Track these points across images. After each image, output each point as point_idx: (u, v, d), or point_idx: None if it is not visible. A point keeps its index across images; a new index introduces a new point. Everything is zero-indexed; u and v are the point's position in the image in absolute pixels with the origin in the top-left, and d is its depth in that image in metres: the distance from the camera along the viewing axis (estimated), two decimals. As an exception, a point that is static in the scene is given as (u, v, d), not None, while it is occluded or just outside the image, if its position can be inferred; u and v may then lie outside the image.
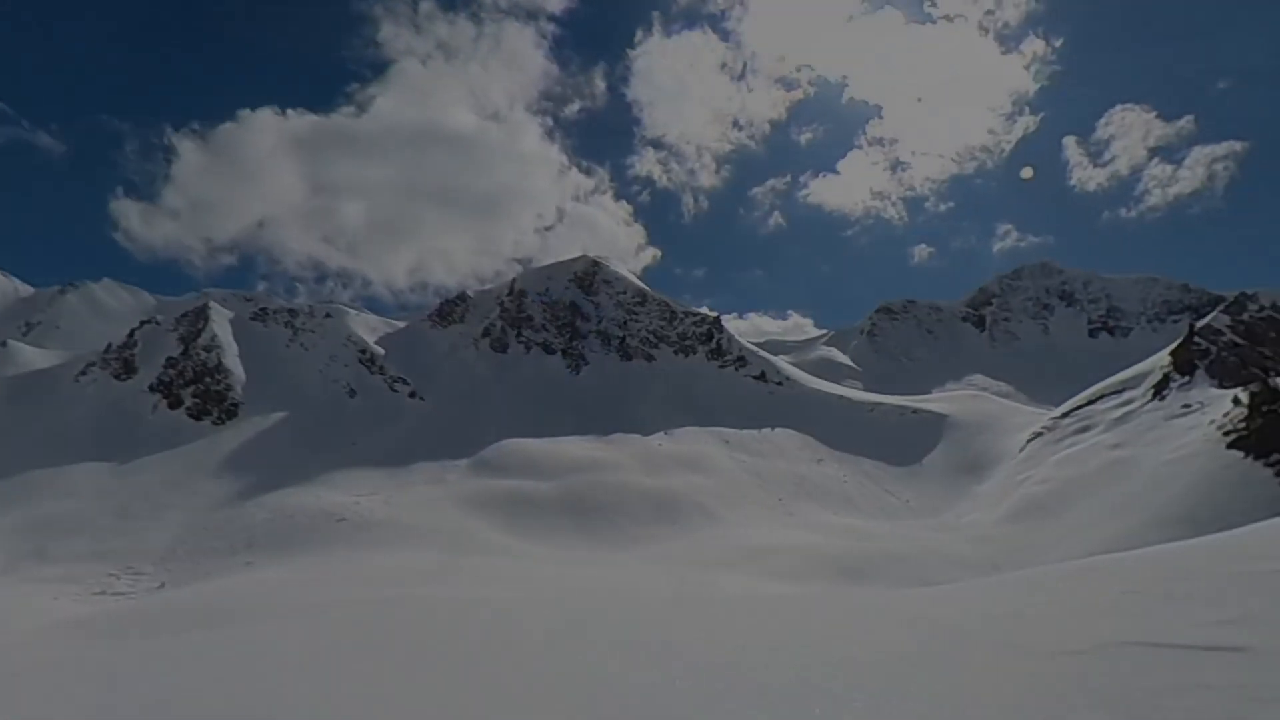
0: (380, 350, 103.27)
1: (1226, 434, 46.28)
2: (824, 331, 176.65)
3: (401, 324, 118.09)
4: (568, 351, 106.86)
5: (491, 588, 24.96)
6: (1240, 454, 43.88)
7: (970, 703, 4.00)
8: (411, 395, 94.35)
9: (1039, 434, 67.28)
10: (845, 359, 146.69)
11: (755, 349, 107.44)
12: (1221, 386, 57.80)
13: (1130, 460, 51.34)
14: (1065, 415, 68.54)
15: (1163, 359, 67.40)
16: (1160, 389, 62.11)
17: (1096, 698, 3.87)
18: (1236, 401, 49.08)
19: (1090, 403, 67.95)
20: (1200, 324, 73.25)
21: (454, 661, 5.30)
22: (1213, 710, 3.57)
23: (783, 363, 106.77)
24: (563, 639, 6.18)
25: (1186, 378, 62.12)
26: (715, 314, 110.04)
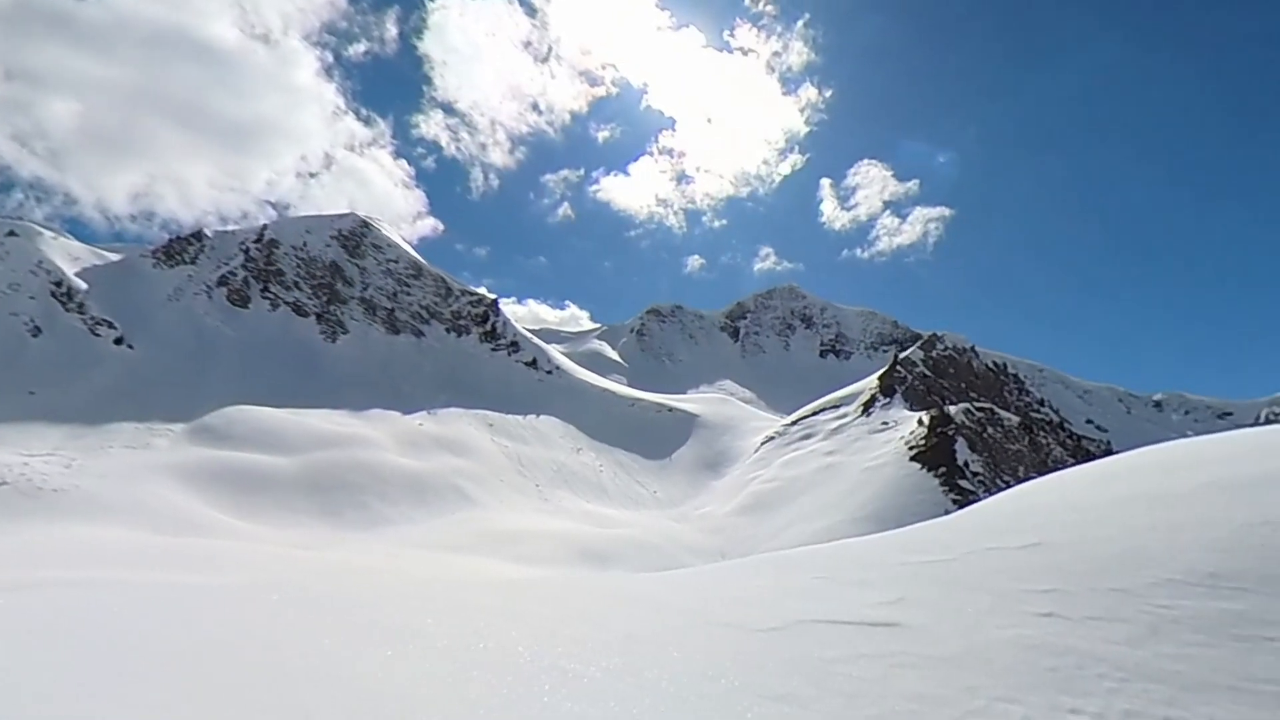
0: (81, 284, 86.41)
1: (911, 449, 55.94)
2: (598, 325, 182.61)
3: (115, 257, 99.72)
4: (324, 316, 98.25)
5: (204, 573, 22.16)
6: (919, 466, 53.32)
7: (687, 672, 4.42)
8: (118, 342, 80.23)
9: (771, 438, 75.77)
10: (614, 354, 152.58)
11: (530, 336, 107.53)
12: (912, 409, 69.76)
13: (839, 466, 59.86)
14: (794, 423, 78.01)
15: (872, 382, 79.64)
16: (868, 407, 73.29)
17: (786, 666, 4.51)
18: (920, 423, 59.56)
19: (814, 414, 78.08)
20: (902, 356, 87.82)
21: (139, 654, 4.65)
22: (869, 674, 4.34)
23: (555, 352, 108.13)
24: (288, 624, 5.71)
25: (888, 399, 73.97)
26: (494, 296, 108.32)
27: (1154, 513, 6.94)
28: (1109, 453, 66.09)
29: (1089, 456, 61.66)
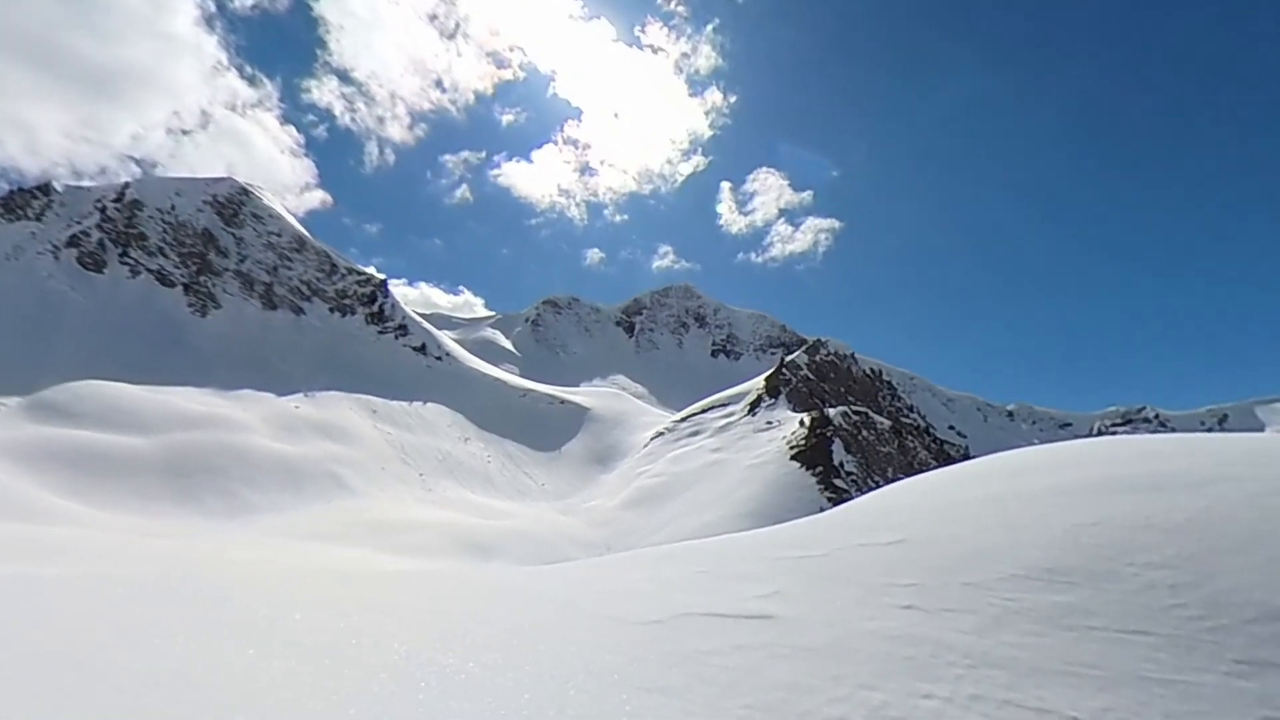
0: (-102, 237, 75.67)
1: (792, 448, 58.40)
2: (492, 313, 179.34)
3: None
4: (193, 287, 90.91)
5: (38, 563, 20.00)
6: (798, 465, 55.74)
7: (568, 666, 4.41)
8: (-57, 305, 70.93)
9: (660, 433, 77.04)
10: (507, 343, 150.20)
11: (420, 320, 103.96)
12: (795, 410, 72.87)
13: (725, 462, 61.66)
14: (683, 420, 79.66)
15: (759, 383, 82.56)
16: (754, 407, 75.91)
17: (665, 659, 4.60)
18: (801, 424, 62.31)
19: (703, 412, 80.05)
20: (788, 359, 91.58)
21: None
22: (744, 664, 4.50)
23: (446, 338, 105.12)
24: (137, 620, 5.25)
25: (773, 400, 76.90)
26: (383, 277, 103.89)
27: (1003, 513, 7.58)
28: (967, 457, 71.65)
29: (949, 460, 66.74)
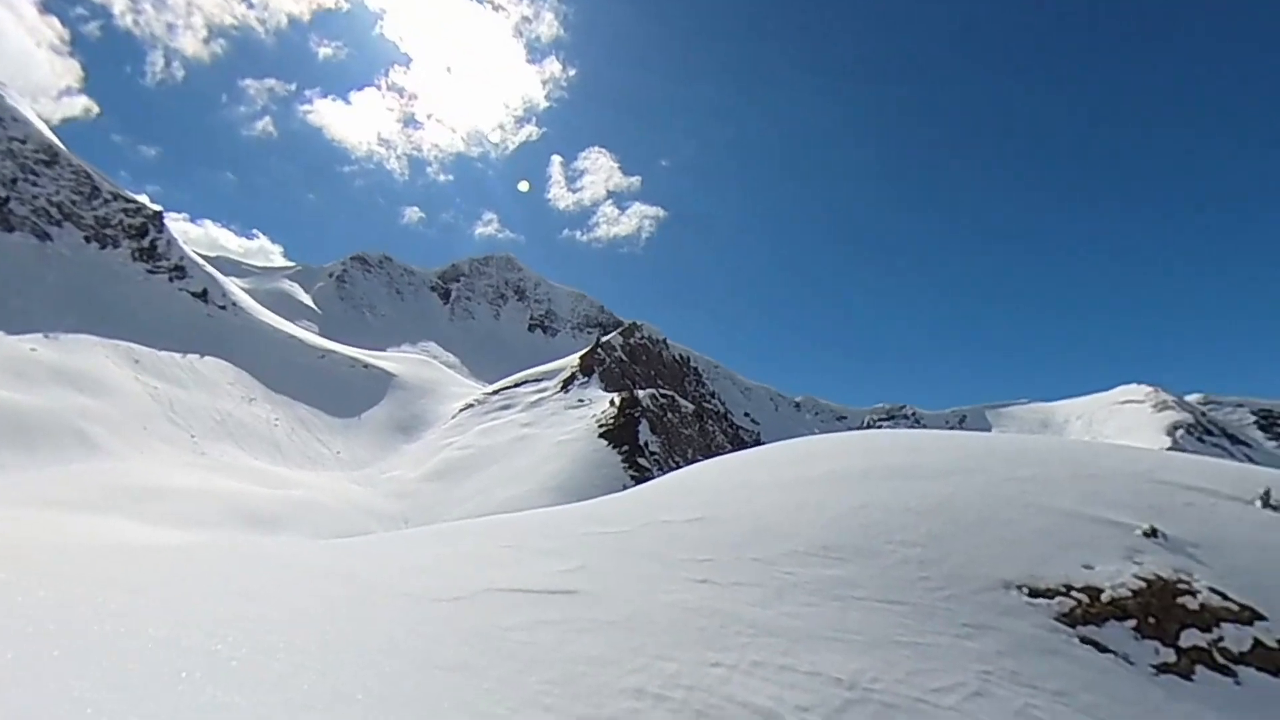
0: None
1: (601, 426, 59.75)
2: (292, 264, 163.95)
3: None
4: (-108, 192, 73.25)
5: None
6: (605, 443, 57.16)
7: (358, 648, 4.14)
8: None
9: (471, 405, 75.25)
10: (307, 298, 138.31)
11: (201, 262, 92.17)
12: (606, 390, 74.53)
13: (534, 437, 61.62)
14: (495, 392, 78.40)
15: (574, 361, 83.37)
16: (567, 384, 76.60)
17: (464, 635, 4.49)
18: (612, 403, 63.94)
19: (516, 386, 79.33)
20: (604, 339, 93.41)
21: None
22: (547, 639, 4.51)
23: (234, 285, 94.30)
24: None
25: (586, 379, 78.10)
26: (159, 208, 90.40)
27: (788, 495, 8.30)
28: (759, 442, 77.61)
29: (744, 445, 71.77)
